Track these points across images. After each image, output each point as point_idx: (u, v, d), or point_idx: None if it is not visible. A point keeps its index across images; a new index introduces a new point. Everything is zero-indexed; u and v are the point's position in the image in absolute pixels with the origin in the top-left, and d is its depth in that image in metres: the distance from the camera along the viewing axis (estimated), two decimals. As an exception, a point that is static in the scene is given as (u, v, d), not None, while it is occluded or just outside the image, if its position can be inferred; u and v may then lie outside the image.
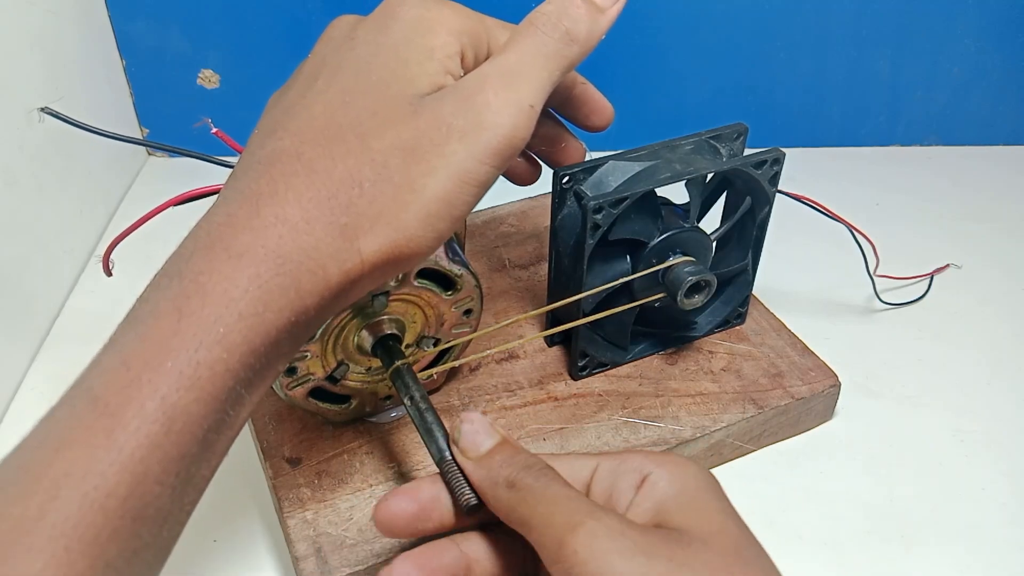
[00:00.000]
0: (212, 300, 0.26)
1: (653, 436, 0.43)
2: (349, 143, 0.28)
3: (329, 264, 0.27)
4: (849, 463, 0.46)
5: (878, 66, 0.70)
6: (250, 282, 0.26)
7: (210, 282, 0.26)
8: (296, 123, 0.29)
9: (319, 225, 0.27)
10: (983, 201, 0.68)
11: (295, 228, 0.27)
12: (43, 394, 0.49)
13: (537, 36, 0.31)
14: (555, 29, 0.31)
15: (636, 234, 0.42)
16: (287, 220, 0.27)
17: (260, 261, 0.26)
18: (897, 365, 0.52)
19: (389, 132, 0.29)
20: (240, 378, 0.26)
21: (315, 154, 0.28)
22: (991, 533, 0.42)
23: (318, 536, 0.38)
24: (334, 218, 0.27)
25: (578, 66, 0.33)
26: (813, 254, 0.60)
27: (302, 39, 0.66)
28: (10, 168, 0.50)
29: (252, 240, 0.26)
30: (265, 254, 0.26)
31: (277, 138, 0.29)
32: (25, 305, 0.52)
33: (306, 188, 0.27)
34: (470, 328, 0.42)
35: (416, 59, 0.30)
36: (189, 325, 0.25)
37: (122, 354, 0.25)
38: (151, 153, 0.72)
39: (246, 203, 0.27)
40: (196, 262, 0.26)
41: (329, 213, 0.27)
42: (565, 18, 0.31)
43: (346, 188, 0.28)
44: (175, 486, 0.25)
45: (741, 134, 0.45)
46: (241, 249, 0.26)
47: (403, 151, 0.28)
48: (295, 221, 0.27)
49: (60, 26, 0.58)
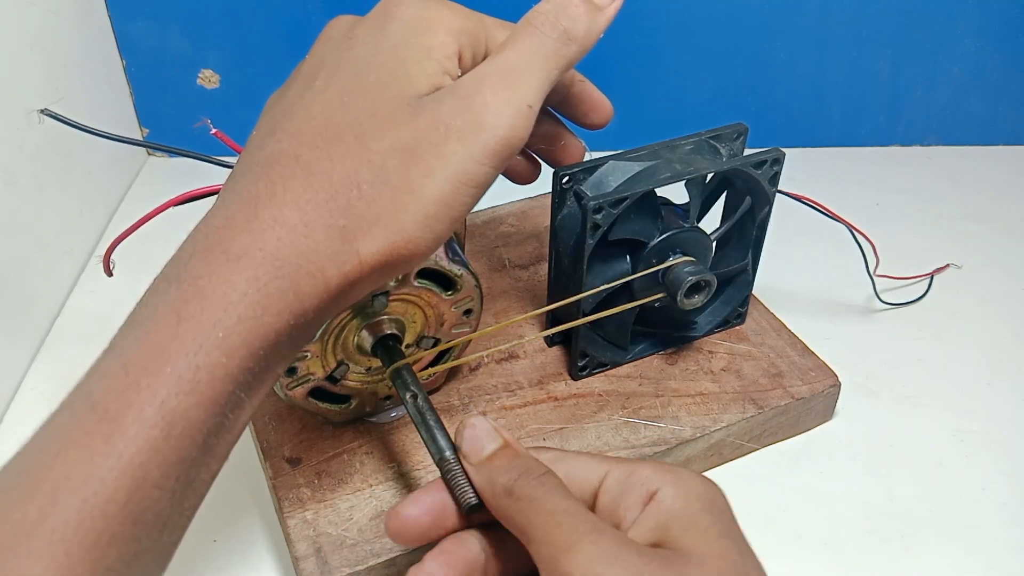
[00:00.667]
0: (211, 304, 0.26)
1: (653, 436, 0.43)
2: (347, 144, 0.28)
3: (328, 266, 0.27)
4: (849, 463, 0.46)
5: (878, 66, 0.70)
6: (248, 285, 0.26)
7: (209, 285, 0.26)
8: (294, 124, 0.29)
9: (317, 227, 0.27)
10: (983, 201, 0.68)
11: (293, 231, 0.27)
12: (43, 394, 0.49)
13: (535, 35, 0.31)
14: (553, 28, 0.31)
15: (636, 234, 0.42)
16: (285, 223, 0.27)
17: (258, 264, 0.26)
18: (897, 365, 0.52)
19: (388, 133, 0.28)
20: (239, 382, 0.26)
21: (313, 156, 0.28)
22: (991, 533, 0.42)
23: (318, 536, 0.38)
24: (332, 220, 0.27)
25: (577, 65, 0.33)
26: (813, 254, 0.60)
27: (302, 39, 0.66)
28: (10, 168, 0.50)
29: (250, 243, 0.26)
30: (263, 257, 0.26)
31: (275, 140, 0.29)
32: (25, 305, 0.52)
33: (304, 190, 0.27)
34: (470, 328, 0.42)
35: (414, 59, 0.30)
36: (188, 329, 0.25)
37: (121, 359, 0.25)
38: (151, 153, 0.72)
39: (244, 205, 0.27)
40: (194, 265, 0.26)
41: (328, 215, 0.27)
42: (563, 17, 0.31)
43: (344, 190, 0.28)
44: (175, 490, 0.25)
45: (741, 134, 0.45)
46: (239, 252, 0.26)
47: (401, 152, 0.28)
48: (293, 223, 0.27)
49: (60, 26, 0.58)
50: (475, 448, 0.31)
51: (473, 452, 0.31)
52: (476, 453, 0.31)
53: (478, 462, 0.31)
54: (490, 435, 0.32)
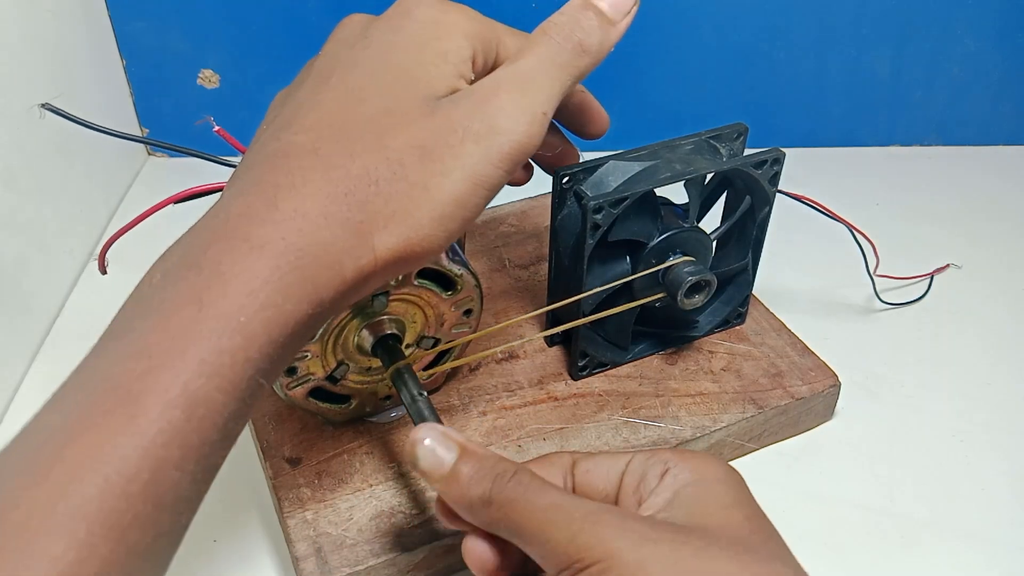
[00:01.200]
0: (233, 290, 0.26)
1: (653, 436, 0.43)
2: (365, 140, 0.29)
3: (345, 259, 0.27)
4: (849, 463, 0.46)
5: (878, 66, 0.70)
6: (271, 273, 0.26)
7: (231, 271, 0.26)
8: (311, 118, 0.29)
9: (336, 221, 0.27)
10: (983, 201, 0.68)
11: (314, 223, 0.27)
12: (43, 394, 0.49)
13: (551, 45, 0.31)
14: (568, 39, 0.31)
15: (636, 235, 0.42)
16: (306, 214, 0.27)
17: (280, 254, 0.26)
18: (897, 365, 0.52)
19: (404, 131, 0.29)
20: (260, 368, 0.26)
21: (332, 150, 0.28)
22: (991, 533, 0.42)
23: (318, 536, 0.38)
24: (351, 215, 0.28)
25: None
26: (813, 254, 0.60)
27: (302, 39, 0.66)
28: (10, 168, 0.50)
29: (272, 232, 0.27)
30: (285, 247, 0.27)
31: (292, 132, 0.29)
32: (25, 305, 0.52)
33: (324, 183, 0.28)
34: (470, 328, 0.42)
35: (431, 61, 0.30)
36: (210, 315, 0.25)
37: (142, 342, 0.25)
38: (151, 153, 0.73)
39: (263, 195, 0.28)
40: (214, 252, 0.26)
41: (346, 209, 0.28)
42: (578, 29, 0.31)
43: (363, 185, 0.28)
44: (195, 473, 0.25)
45: (741, 134, 0.45)
46: (261, 240, 0.26)
47: (419, 151, 0.29)
48: (314, 216, 0.27)
49: (60, 26, 0.58)
50: (434, 464, 0.30)
51: (433, 469, 0.30)
52: (437, 469, 0.30)
53: (441, 478, 0.30)
54: (444, 444, 0.30)
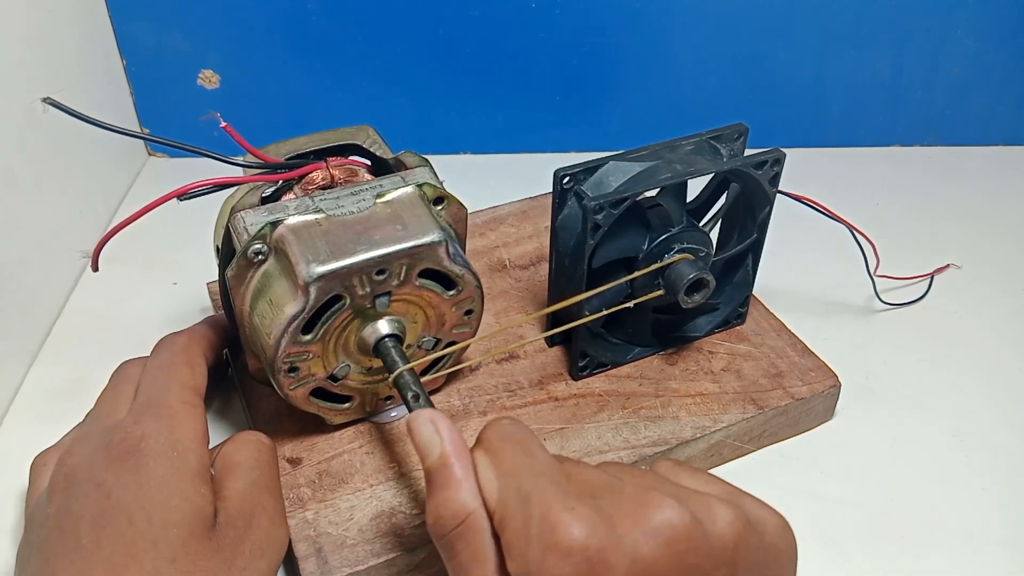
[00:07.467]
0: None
1: (653, 436, 0.43)
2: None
3: None
4: (849, 463, 0.46)
5: (878, 66, 0.70)
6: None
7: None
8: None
9: None
10: (983, 201, 0.68)
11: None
12: (43, 394, 0.49)
13: None
14: None
15: (623, 251, 0.42)
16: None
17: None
18: (897, 365, 0.52)
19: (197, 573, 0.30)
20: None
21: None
22: (991, 533, 0.42)
23: (318, 536, 0.38)
24: None
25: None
26: (813, 254, 0.60)
27: (302, 39, 0.66)
28: (10, 167, 0.50)
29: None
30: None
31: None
32: (25, 305, 0.52)
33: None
34: (471, 328, 0.42)
35: (184, 494, 0.32)
36: None
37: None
38: (151, 153, 0.73)
39: None
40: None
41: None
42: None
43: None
44: None
45: (742, 134, 0.45)
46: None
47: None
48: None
49: (60, 26, 0.58)
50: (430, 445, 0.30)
51: (430, 448, 0.30)
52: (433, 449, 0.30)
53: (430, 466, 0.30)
54: (432, 440, 0.30)
